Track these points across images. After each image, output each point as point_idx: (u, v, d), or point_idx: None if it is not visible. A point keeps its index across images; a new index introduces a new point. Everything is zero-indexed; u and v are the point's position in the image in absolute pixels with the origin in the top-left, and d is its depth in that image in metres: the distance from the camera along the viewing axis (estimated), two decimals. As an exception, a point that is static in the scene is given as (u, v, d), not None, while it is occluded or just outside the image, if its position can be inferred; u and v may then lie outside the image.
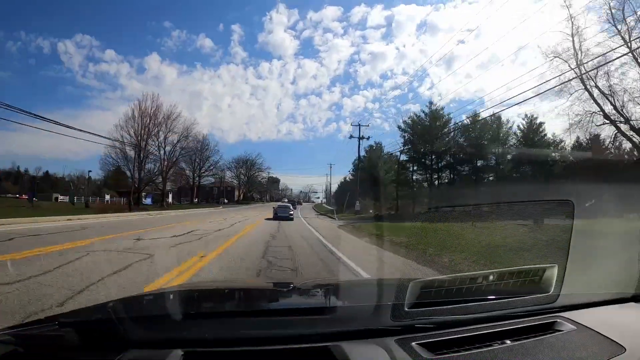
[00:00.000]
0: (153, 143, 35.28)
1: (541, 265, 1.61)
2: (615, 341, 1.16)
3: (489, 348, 1.10)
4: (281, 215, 20.91)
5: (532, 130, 27.87)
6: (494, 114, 25.95)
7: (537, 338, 1.18)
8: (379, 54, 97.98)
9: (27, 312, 2.96)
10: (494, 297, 1.40)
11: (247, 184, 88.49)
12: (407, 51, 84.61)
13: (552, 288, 1.43)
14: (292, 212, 21.80)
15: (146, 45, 73.87)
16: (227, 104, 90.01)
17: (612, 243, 5.71)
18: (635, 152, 19.91)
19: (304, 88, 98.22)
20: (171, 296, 1.74)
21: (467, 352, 1.07)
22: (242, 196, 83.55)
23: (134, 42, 73.57)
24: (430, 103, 30.81)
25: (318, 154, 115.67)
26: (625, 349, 1.12)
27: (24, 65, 51.83)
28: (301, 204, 68.43)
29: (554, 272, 1.52)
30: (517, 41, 46.51)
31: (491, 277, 1.81)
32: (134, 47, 76.33)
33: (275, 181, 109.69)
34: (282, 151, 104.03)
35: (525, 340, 1.15)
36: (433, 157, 29.78)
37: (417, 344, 1.09)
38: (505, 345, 1.13)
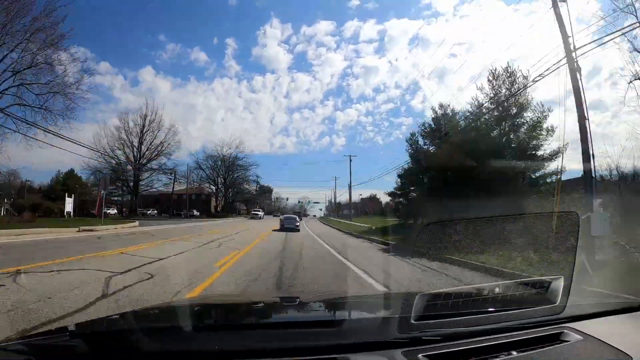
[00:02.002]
0: None
1: (547, 277, 1.70)
2: (621, 350, 1.21)
3: (496, 359, 1.16)
4: (288, 226, 23.47)
5: None
6: None
7: (543, 349, 1.23)
8: (371, 67, 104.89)
9: None
10: (500, 308, 1.48)
11: (227, 190, 72.91)
12: (400, 65, 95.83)
13: (559, 299, 1.50)
14: (298, 224, 24.82)
15: (141, 58, 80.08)
16: (220, 117, 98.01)
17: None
18: None
19: (298, 102, 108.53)
20: (181, 309, 1.87)
21: None
22: (219, 207, 70.44)
23: (129, 54, 78.77)
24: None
25: (311, 167, 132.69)
26: (632, 358, 1.16)
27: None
28: (307, 216, 68.21)
29: (560, 283, 1.59)
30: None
31: (497, 289, 1.85)
32: (128, 59, 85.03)
33: (267, 191, 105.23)
34: (276, 164, 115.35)
35: (531, 352, 1.22)
36: None
37: (423, 356, 1.14)
38: (511, 356, 1.19)
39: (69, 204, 29.82)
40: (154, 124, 43.66)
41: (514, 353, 1.19)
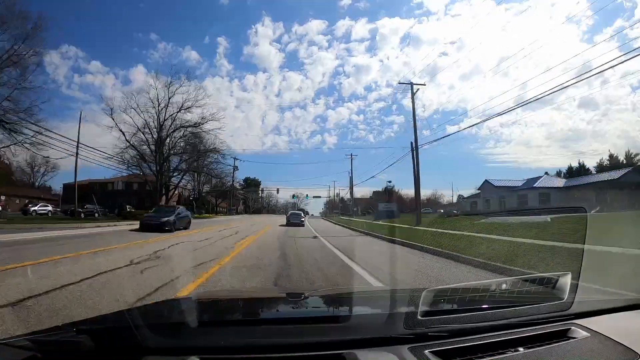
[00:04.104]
0: None
1: (554, 273, 1.77)
2: (629, 348, 1.27)
3: (503, 356, 1.25)
4: (293, 221, 29.22)
5: None
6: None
7: (550, 345, 1.31)
8: (363, 66, 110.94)
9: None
10: (507, 304, 1.60)
11: (161, 167, 43.07)
12: (391, 63, 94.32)
13: (566, 295, 1.61)
14: (303, 219, 30.81)
15: (132, 57, 70.40)
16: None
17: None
18: None
19: (289, 100, 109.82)
20: (187, 304, 2.04)
21: None
22: (175, 200, 48.24)
23: (120, 53, 63.32)
24: None
25: (304, 166, 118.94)
26: (639, 356, 1.25)
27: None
28: (308, 214, 68.61)
29: (567, 279, 1.68)
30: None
31: (504, 285, 1.97)
32: (120, 58, 74.72)
33: (255, 184, 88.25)
34: (268, 163, 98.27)
35: (538, 348, 1.30)
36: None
37: (430, 352, 1.22)
38: (518, 352, 1.27)
39: None
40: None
41: (521, 349, 1.29)
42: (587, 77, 16.13)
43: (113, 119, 40.04)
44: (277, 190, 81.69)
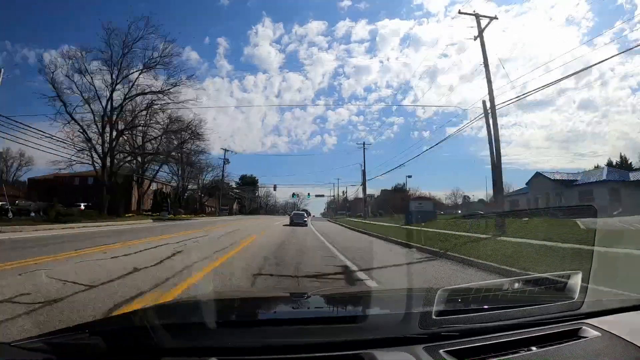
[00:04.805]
0: None
1: (565, 272, 1.85)
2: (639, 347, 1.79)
3: (515, 355, 1.34)
4: (297, 222, 30.03)
5: None
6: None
7: (561, 345, 1.41)
8: (363, 67, 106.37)
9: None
10: (519, 304, 1.72)
11: (112, 146, 33.77)
12: (391, 64, 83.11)
13: (577, 294, 1.73)
14: (306, 219, 32.15)
15: (132, 58, 48.92)
16: (212, 116, 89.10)
17: None
18: None
19: (289, 101, 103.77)
20: (201, 305, 2.13)
21: (493, 359, 1.37)
22: (152, 198, 44.04)
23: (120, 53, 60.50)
24: None
25: (304, 164, 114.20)
26: None
27: (10, 76, 38.15)
28: (310, 215, 62.97)
29: (578, 279, 1.77)
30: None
31: (517, 285, 1.99)
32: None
33: (251, 182, 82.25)
34: (267, 164, 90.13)
35: (550, 347, 1.39)
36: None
37: (445, 351, 1.30)
38: (530, 352, 1.37)
39: None
40: None
41: (534, 349, 1.37)
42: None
43: (54, 87, 29.57)
44: (274, 187, 76.56)
